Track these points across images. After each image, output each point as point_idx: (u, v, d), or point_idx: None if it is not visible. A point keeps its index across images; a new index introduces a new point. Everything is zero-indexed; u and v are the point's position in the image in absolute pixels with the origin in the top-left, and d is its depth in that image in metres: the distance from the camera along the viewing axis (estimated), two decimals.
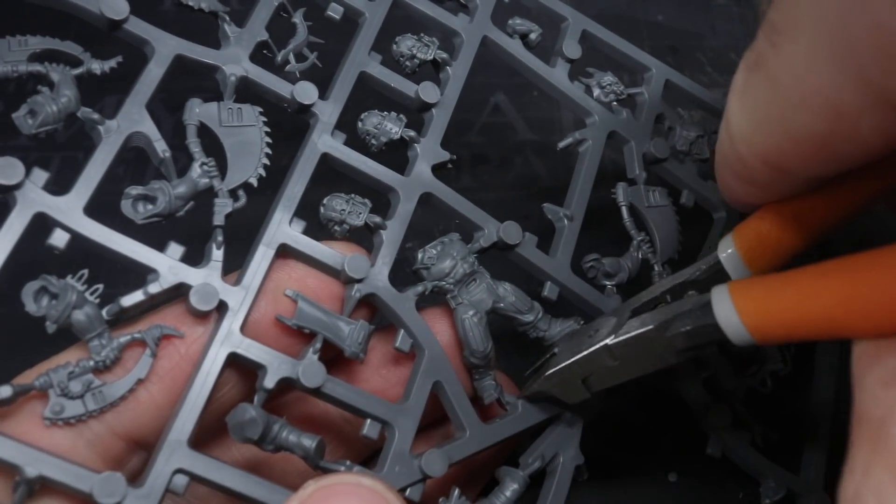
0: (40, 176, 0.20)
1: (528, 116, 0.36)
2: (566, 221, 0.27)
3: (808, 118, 0.15)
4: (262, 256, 0.22)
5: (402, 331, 0.24)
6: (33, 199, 0.20)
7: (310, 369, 0.22)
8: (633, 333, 0.22)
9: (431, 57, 0.27)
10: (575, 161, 0.28)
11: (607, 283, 0.27)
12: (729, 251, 0.22)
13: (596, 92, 0.30)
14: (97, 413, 0.20)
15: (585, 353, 0.23)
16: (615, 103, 0.30)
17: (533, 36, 0.29)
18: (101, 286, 0.20)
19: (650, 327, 0.21)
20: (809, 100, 0.15)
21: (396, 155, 0.26)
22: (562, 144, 0.29)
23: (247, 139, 0.23)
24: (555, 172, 0.28)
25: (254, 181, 0.23)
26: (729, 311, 0.19)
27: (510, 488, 0.24)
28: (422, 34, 0.27)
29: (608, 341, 0.22)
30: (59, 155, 0.30)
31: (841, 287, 0.16)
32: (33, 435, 0.19)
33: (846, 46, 0.14)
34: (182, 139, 0.22)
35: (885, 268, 0.16)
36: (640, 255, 0.28)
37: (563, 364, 0.23)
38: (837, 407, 0.30)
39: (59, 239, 0.20)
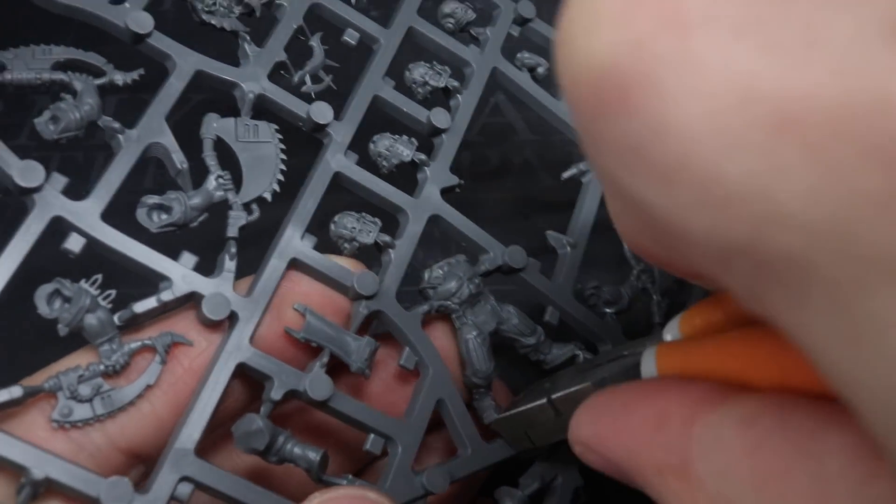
0: (59, 180, 0.21)
1: (528, 116, 0.37)
2: (569, 249, 0.28)
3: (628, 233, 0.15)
4: (273, 269, 0.23)
5: (406, 348, 0.24)
6: (52, 202, 0.20)
7: (317, 382, 0.22)
8: (572, 389, 0.22)
9: (443, 85, 0.28)
10: (575, 162, 0.29)
11: (608, 310, 0.28)
12: (669, 337, 0.21)
13: None
14: (105, 417, 0.20)
15: (529, 405, 0.23)
16: None
17: (540, 70, 0.30)
18: (113, 291, 0.20)
19: (587, 384, 0.21)
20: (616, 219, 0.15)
21: (406, 177, 0.26)
22: (566, 175, 0.29)
23: (262, 154, 0.24)
24: (555, 172, 0.29)
25: (268, 196, 0.23)
26: (651, 370, 0.19)
27: None
28: (434, 62, 0.28)
29: (552, 395, 0.22)
30: (59, 155, 0.30)
31: (734, 356, 0.16)
32: (38, 438, 0.19)
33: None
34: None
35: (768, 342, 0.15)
36: (639, 285, 0.29)
37: (508, 413, 0.24)
38: None
39: (74, 243, 0.20)
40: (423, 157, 0.26)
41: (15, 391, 0.18)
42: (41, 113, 0.21)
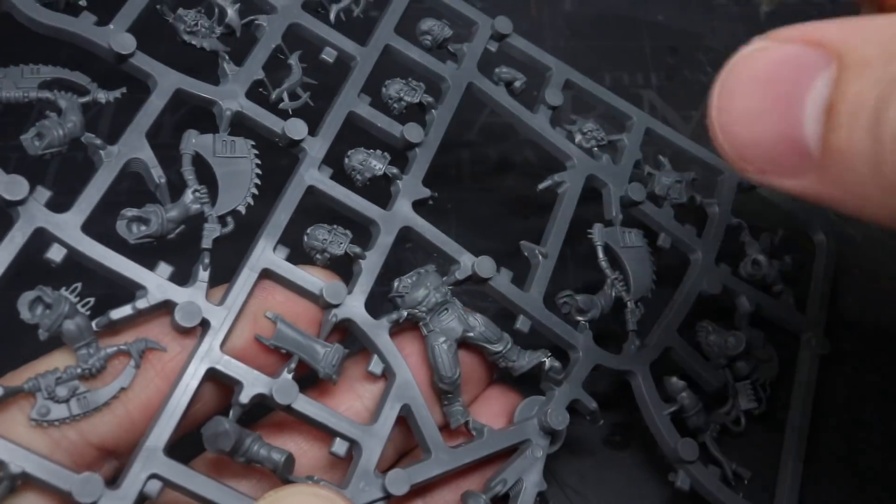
0: (43, 194, 0.22)
1: None
2: (541, 258, 0.28)
3: None
4: (245, 279, 0.24)
5: (374, 355, 0.25)
6: (35, 214, 0.22)
7: (283, 387, 0.23)
8: None
9: (418, 100, 0.29)
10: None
11: (580, 318, 0.29)
12: None
13: (578, 138, 0.31)
14: (80, 417, 0.21)
15: None
16: (596, 149, 0.31)
17: (517, 84, 0.31)
18: (92, 299, 0.22)
19: None
20: None
21: (381, 190, 0.27)
22: (541, 186, 0.30)
23: (238, 169, 0.25)
24: (553, 171, 0.30)
25: (242, 209, 0.25)
26: None
27: None
28: (410, 79, 0.29)
29: None
30: (57, 159, 0.31)
31: None
32: (17, 434, 0.20)
33: None
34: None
35: None
36: (613, 293, 0.29)
37: None
38: (811, 445, 0.31)
39: (56, 253, 0.22)
40: (395, 170, 0.27)
41: None
42: (41, 113, 0.22)
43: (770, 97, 0.17)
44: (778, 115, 0.17)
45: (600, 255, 0.29)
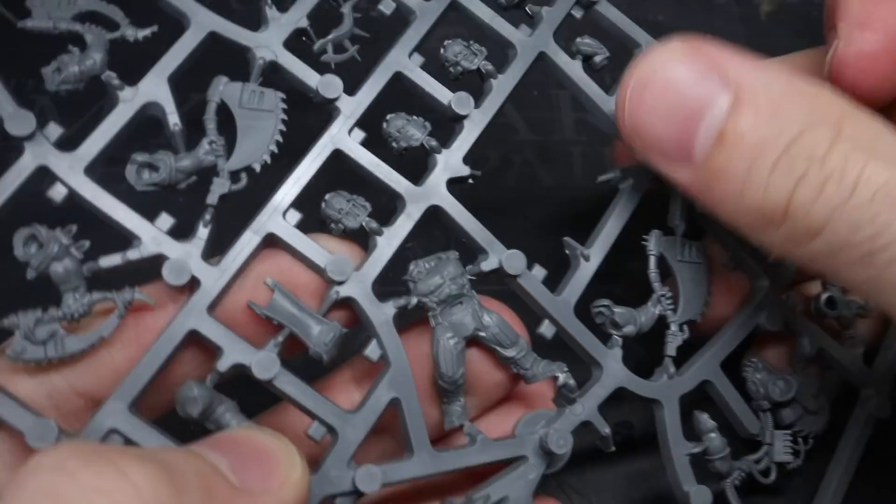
0: (55, 130, 0.22)
1: (528, 116, 0.36)
2: (582, 260, 0.26)
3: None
4: (246, 242, 0.23)
5: (373, 339, 0.23)
6: (40, 151, 0.21)
7: (264, 361, 0.22)
8: None
9: (475, 67, 0.26)
10: (575, 164, 0.26)
11: (614, 332, 0.26)
12: None
13: None
14: (56, 361, 0.21)
15: None
16: None
17: (598, 59, 0.28)
18: (87, 243, 0.22)
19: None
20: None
21: (419, 162, 0.25)
22: (602, 178, 0.27)
23: (261, 124, 0.24)
24: (555, 172, 0.27)
25: (257, 166, 0.23)
26: None
27: None
28: (472, 42, 0.26)
29: None
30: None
31: None
32: (1, 371, 0.21)
33: None
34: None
35: None
36: (657, 311, 0.26)
37: None
38: None
39: (57, 193, 0.21)
40: (434, 142, 0.25)
41: None
42: (42, 111, 0.21)
43: (674, 106, 0.21)
44: (678, 122, 0.21)
45: (652, 265, 0.26)
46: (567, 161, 0.28)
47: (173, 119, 0.23)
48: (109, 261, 0.22)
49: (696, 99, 0.21)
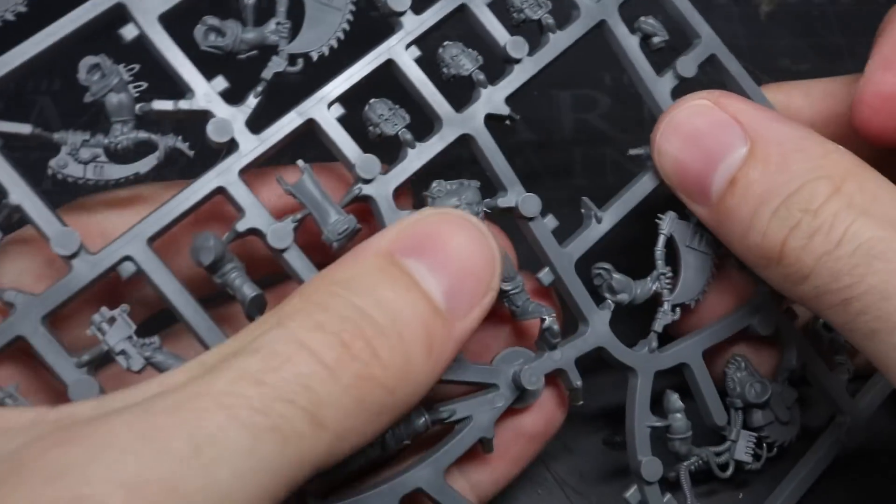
0: None
1: (528, 116, 0.36)
2: (594, 221, 0.27)
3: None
4: (289, 120, 0.24)
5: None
6: None
7: (279, 231, 0.23)
8: None
9: (537, 17, 0.27)
10: (575, 164, 0.27)
11: (608, 296, 0.27)
12: None
13: None
14: (91, 182, 0.22)
15: None
16: None
17: (656, 40, 0.29)
18: (145, 84, 0.23)
19: None
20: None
21: (464, 92, 0.27)
22: (633, 152, 0.28)
23: (328, 18, 0.25)
24: (555, 172, 0.28)
25: (314, 55, 0.25)
26: None
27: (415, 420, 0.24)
28: None
29: None
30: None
31: None
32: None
33: None
34: None
35: None
36: (654, 287, 0.27)
37: None
38: None
39: (128, 32, 0.23)
40: (481, 76, 0.26)
41: (24, 128, 0.22)
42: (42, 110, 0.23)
43: (697, 152, 0.25)
44: (699, 167, 0.25)
45: (660, 244, 0.27)
46: (566, 160, 0.28)
47: None
48: (161, 105, 0.23)
49: (716, 147, 0.24)
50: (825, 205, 0.22)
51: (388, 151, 0.25)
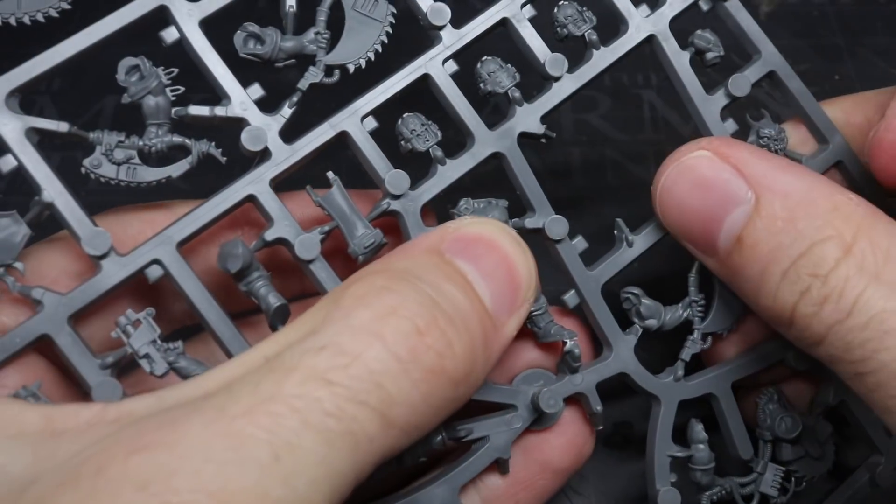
0: None
1: None
2: (625, 244, 0.26)
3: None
4: (321, 132, 0.24)
5: None
6: None
7: (307, 242, 0.23)
8: None
9: (580, 34, 0.27)
10: (575, 164, 0.27)
11: (636, 321, 0.27)
12: None
13: (751, 137, 0.28)
14: (123, 184, 0.23)
15: None
16: None
17: (710, 56, 0.28)
18: (182, 88, 0.23)
19: None
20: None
21: (498, 109, 0.26)
22: None
23: (366, 30, 0.25)
24: (555, 172, 0.28)
25: (351, 67, 0.25)
26: None
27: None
28: (585, 8, 0.27)
29: None
30: (59, 155, 0.32)
31: None
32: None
33: None
34: None
35: None
36: (684, 314, 0.27)
37: None
38: None
39: (169, 35, 0.23)
40: (518, 94, 0.26)
41: (62, 126, 0.22)
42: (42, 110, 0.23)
43: (700, 204, 0.23)
44: (703, 222, 0.23)
45: (694, 270, 0.27)
46: (566, 161, 0.28)
47: (290, 0, 0.24)
48: (198, 111, 0.23)
49: (720, 201, 0.23)
50: (835, 270, 0.21)
51: (420, 164, 0.25)
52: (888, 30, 0.40)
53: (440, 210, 0.26)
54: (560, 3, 0.27)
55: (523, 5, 0.26)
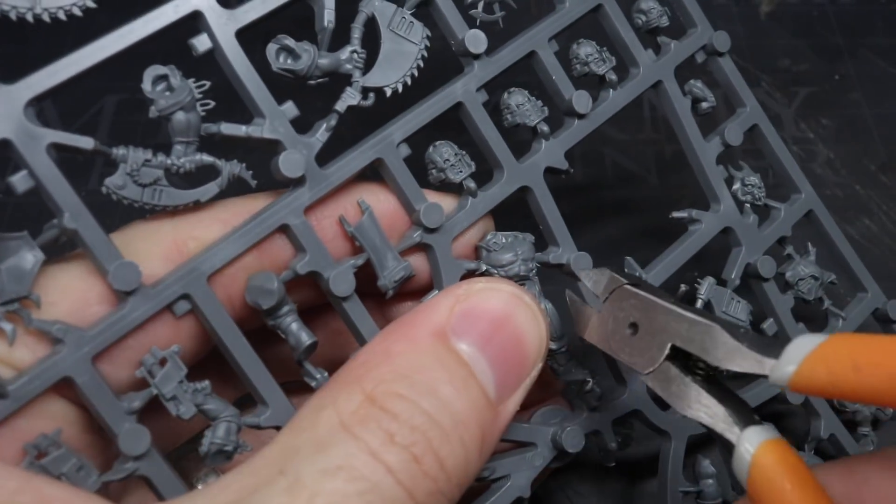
0: None
1: None
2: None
3: None
4: (357, 157, 0.23)
5: (435, 291, 0.24)
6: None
7: (341, 277, 0.22)
8: None
9: (602, 72, 0.27)
10: (575, 165, 0.27)
11: None
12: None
13: (736, 185, 0.29)
14: (148, 207, 0.20)
15: None
16: (748, 205, 0.29)
17: (705, 105, 0.29)
18: (213, 103, 0.21)
19: None
20: None
21: (522, 140, 0.26)
22: (675, 214, 0.28)
23: (404, 51, 0.24)
24: (555, 172, 0.29)
25: (388, 91, 0.23)
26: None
27: None
28: (604, 48, 0.27)
29: None
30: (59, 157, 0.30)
31: None
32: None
33: None
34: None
35: None
36: None
37: None
38: None
39: (202, 43, 0.21)
40: (545, 128, 0.26)
41: (86, 141, 0.19)
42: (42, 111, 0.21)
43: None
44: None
45: (698, 306, 0.28)
46: (567, 161, 0.28)
47: (329, 15, 0.23)
48: (230, 129, 0.21)
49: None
50: None
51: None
52: (888, 30, 0.41)
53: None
54: (579, 40, 0.27)
55: (550, 39, 0.26)
